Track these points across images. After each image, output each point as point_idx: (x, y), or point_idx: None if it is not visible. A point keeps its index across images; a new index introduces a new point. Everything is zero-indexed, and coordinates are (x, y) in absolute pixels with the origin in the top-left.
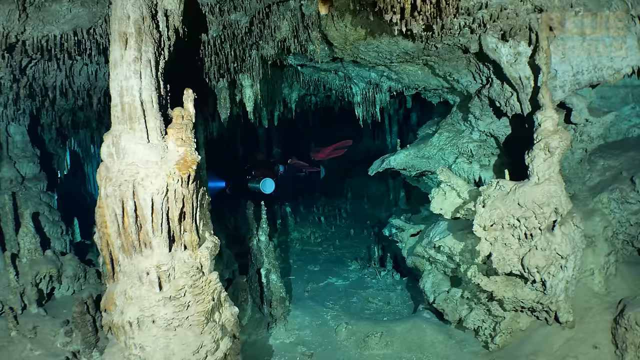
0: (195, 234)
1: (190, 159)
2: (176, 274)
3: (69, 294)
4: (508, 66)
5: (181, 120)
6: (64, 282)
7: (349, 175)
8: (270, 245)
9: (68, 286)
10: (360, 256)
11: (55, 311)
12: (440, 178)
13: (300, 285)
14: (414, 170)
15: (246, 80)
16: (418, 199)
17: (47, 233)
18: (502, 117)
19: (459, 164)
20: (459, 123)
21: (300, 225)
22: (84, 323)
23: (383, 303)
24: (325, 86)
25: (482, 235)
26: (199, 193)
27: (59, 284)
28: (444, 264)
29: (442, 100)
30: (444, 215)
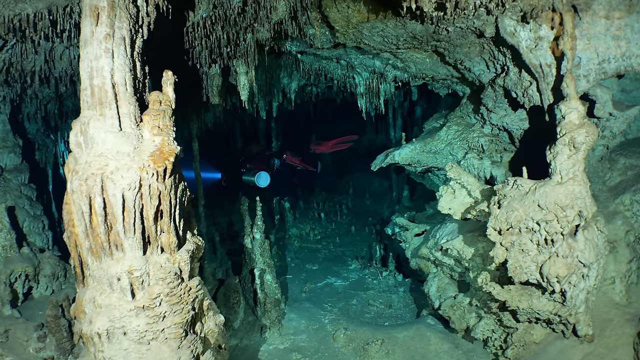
0: (174, 234)
1: (167, 150)
2: (151, 281)
3: (47, 294)
4: (527, 52)
5: (158, 105)
6: (42, 281)
7: (350, 170)
8: (265, 244)
9: (47, 285)
10: (361, 255)
11: (31, 312)
12: (449, 175)
13: (297, 285)
14: (419, 166)
15: (240, 67)
16: (422, 195)
17: (27, 228)
18: (518, 109)
19: (469, 159)
20: (469, 116)
21: (299, 221)
22: (58, 328)
23: (384, 306)
24: (327, 76)
25: (497, 239)
26: (178, 189)
27: (36, 284)
28: (451, 268)
29: (451, 92)
30: (452, 216)
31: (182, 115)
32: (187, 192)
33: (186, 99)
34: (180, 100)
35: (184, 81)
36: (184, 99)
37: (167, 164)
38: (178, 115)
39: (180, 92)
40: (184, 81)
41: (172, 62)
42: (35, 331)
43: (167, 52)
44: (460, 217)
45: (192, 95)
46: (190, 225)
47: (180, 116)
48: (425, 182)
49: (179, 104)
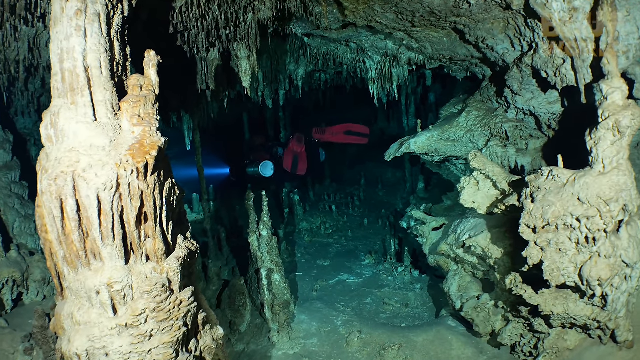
0: (161, 240)
1: (149, 143)
2: (134, 294)
3: (39, 300)
4: (561, 25)
5: (139, 91)
6: (32, 286)
7: (362, 160)
8: (273, 241)
9: (37, 291)
10: (375, 249)
11: (20, 321)
12: (473, 165)
13: (308, 283)
14: (437, 155)
15: (242, 51)
16: (438, 186)
17: (18, 229)
18: (548, 90)
19: (492, 147)
20: (491, 100)
21: (309, 214)
22: (45, 340)
23: (400, 305)
24: (336, 60)
25: (531, 238)
26: (164, 187)
27: (26, 290)
28: (474, 266)
29: (469, 75)
30: (477, 210)
31: (182, 105)
32: (175, 190)
33: (184, 87)
34: (177, 88)
35: (180, 68)
36: (182, 87)
37: (149, 158)
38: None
39: (176, 79)
40: (181, 68)
41: (164, 46)
42: (22, 342)
43: (158, 34)
44: (485, 211)
45: (191, 84)
46: (182, 227)
47: (180, 106)
48: (442, 172)
49: (176, 92)
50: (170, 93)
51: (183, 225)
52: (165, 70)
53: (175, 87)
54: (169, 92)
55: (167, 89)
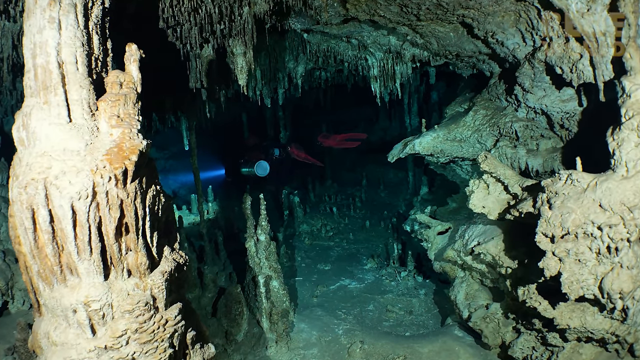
0: (144, 253)
1: (128, 146)
2: (115, 313)
3: (25, 309)
4: (578, 17)
5: (118, 88)
6: (17, 295)
7: (363, 161)
8: (271, 246)
9: (23, 300)
10: (377, 253)
11: (5, 331)
12: (483, 167)
13: (308, 289)
14: (442, 157)
15: (237, 47)
16: (442, 187)
17: (4, 234)
18: (562, 87)
19: (501, 148)
20: (499, 98)
21: (310, 216)
22: (28, 354)
23: (404, 312)
24: (337, 58)
25: (549, 248)
26: (147, 195)
27: (11, 298)
28: (482, 273)
29: (476, 72)
30: (487, 216)
31: (177, 104)
32: (161, 198)
33: (179, 86)
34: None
35: (174, 66)
36: (176, 87)
37: (128, 164)
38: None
39: (170, 78)
40: (175, 66)
41: (153, 42)
42: (5, 355)
43: (147, 29)
44: (496, 216)
45: (186, 82)
46: (170, 238)
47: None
48: (446, 174)
49: (171, 92)
50: (165, 93)
51: (171, 235)
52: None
53: (169, 86)
54: (163, 91)
55: (161, 88)
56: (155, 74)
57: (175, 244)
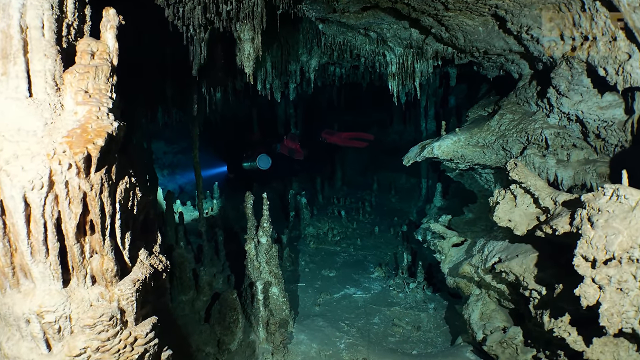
0: (112, 257)
1: (94, 128)
2: (74, 327)
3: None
4: (630, 12)
5: (89, 59)
6: None
7: (375, 164)
8: (273, 249)
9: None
10: (385, 261)
11: None
12: (512, 176)
13: (310, 296)
14: (462, 163)
15: (245, 33)
16: (457, 195)
17: None
18: (604, 92)
19: (529, 156)
20: (528, 102)
21: (317, 218)
22: None
23: (412, 327)
24: (353, 52)
25: (588, 273)
26: (118, 188)
27: None
28: (501, 293)
29: (502, 74)
30: (514, 231)
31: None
32: (137, 192)
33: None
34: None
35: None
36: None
37: (91, 149)
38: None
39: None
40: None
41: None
42: None
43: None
44: (523, 232)
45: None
46: (148, 240)
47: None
48: (463, 182)
49: (173, 81)
50: (167, 80)
51: (150, 237)
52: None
53: (171, 74)
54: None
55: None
56: (155, 59)
57: (155, 246)
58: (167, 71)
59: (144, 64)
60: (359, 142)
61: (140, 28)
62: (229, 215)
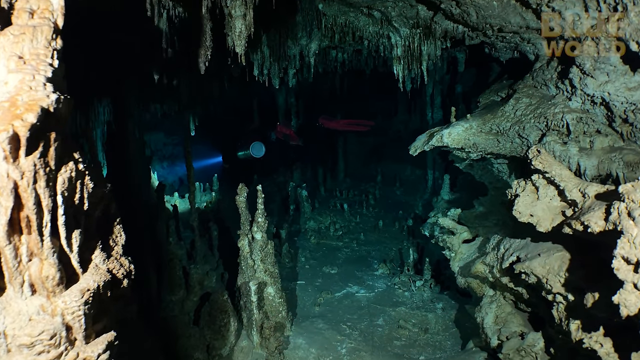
0: (53, 262)
1: (25, 100)
2: (10, 346)
3: None
4: None
5: (26, 18)
6: None
7: (379, 155)
8: (268, 246)
9: None
10: (390, 257)
11: None
12: (535, 164)
13: (310, 295)
14: (474, 152)
15: (237, 9)
16: (466, 187)
17: None
18: (636, 70)
19: (548, 144)
20: (547, 85)
21: (318, 212)
22: None
23: (418, 329)
24: (355, 34)
25: (630, 278)
26: (58, 177)
27: None
28: (518, 295)
29: (517, 56)
30: (536, 227)
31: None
32: (86, 183)
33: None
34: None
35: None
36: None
37: (19, 127)
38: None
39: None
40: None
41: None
42: None
43: None
44: (547, 229)
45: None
46: (106, 241)
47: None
48: (473, 173)
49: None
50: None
51: (109, 237)
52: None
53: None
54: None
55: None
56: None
57: (116, 248)
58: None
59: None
60: (358, 127)
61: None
62: (228, 207)
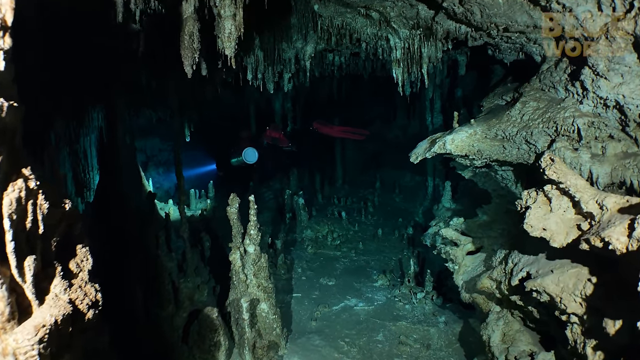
0: (3, 294)
1: None
2: None
3: None
4: None
5: None
6: None
7: (378, 161)
8: (262, 260)
9: None
10: (390, 267)
11: None
12: (549, 174)
13: (306, 309)
14: (479, 159)
15: (226, 9)
16: (467, 194)
17: None
18: None
19: (559, 150)
20: (555, 87)
21: (315, 220)
22: None
23: (420, 345)
24: (352, 36)
25: None
26: (4, 196)
27: None
28: (528, 313)
29: (522, 58)
30: (550, 242)
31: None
32: (39, 202)
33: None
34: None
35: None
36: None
37: None
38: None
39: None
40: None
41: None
42: None
43: None
44: (561, 244)
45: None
46: (68, 266)
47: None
48: (476, 180)
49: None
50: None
51: (72, 262)
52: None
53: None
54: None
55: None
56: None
57: (81, 274)
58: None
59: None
60: (354, 135)
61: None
62: (223, 215)
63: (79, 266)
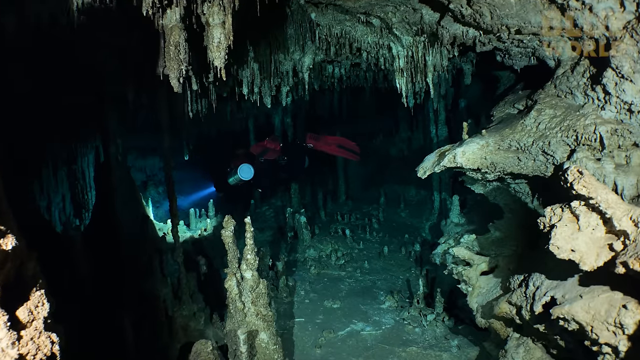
0: None
1: None
2: None
3: None
4: None
5: None
6: None
7: (382, 176)
8: (260, 286)
9: None
10: (397, 288)
11: None
12: (577, 189)
13: (310, 335)
14: (492, 172)
15: (215, 16)
16: (476, 209)
17: None
18: None
19: (580, 161)
20: (573, 93)
21: (318, 239)
22: None
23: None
24: (352, 45)
25: None
26: None
27: None
28: (552, 340)
29: (534, 63)
30: (579, 265)
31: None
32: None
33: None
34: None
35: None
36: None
37: None
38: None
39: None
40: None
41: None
42: None
43: None
44: (592, 267)
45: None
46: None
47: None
48: (488, 195)
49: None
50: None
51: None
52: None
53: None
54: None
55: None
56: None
57: (35, 323)
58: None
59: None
60: (349, 154)
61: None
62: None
63: (32, 313)
